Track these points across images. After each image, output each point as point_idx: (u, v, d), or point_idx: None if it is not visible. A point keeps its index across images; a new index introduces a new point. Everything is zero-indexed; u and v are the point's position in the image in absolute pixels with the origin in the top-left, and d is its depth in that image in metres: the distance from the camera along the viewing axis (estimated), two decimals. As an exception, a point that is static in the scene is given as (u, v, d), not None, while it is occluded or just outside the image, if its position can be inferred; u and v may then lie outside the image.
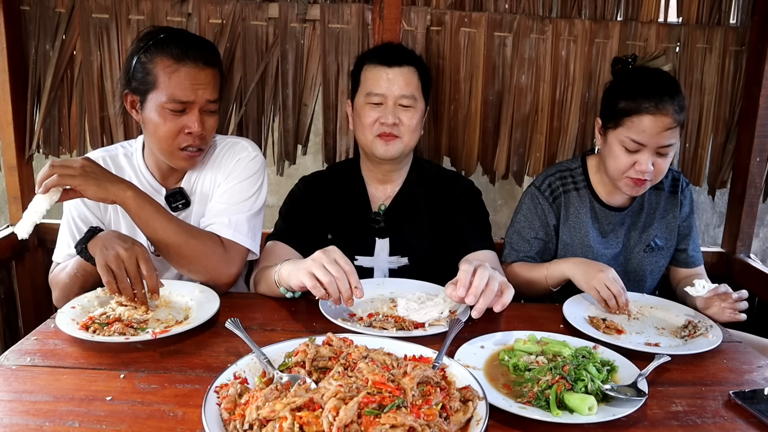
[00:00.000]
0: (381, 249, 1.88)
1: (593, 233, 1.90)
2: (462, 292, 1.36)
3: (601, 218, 1.92)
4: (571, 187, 1.92)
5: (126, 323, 1.35)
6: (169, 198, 1.72)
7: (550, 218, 1.91)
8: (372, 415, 0.92)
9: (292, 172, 2.35)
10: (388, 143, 1.81)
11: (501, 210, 3.89)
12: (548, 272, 1.79)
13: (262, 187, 1.76)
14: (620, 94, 1.75)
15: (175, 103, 1.57)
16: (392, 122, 1.79)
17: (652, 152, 1.71)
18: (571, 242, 1.91)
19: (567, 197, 1.91)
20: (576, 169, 1.95)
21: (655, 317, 1.62)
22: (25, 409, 1.06)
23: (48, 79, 2.18)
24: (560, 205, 1.91)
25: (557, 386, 1.12)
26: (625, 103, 1.71)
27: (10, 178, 2.23)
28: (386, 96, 1.80)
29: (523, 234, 1.93)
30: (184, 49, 1.57)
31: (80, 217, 1.72)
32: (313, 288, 1.37)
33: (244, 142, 1.79)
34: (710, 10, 2.29)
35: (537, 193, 1.93)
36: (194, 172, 1.75)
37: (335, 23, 2.20)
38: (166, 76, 1.56)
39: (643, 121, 1.68)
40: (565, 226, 1.91)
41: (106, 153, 1.77)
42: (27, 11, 2.15)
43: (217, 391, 1.05)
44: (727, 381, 1.27)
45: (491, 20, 2.23)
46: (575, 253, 1.89)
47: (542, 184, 1.94)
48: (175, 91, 1.56)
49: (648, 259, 1.93)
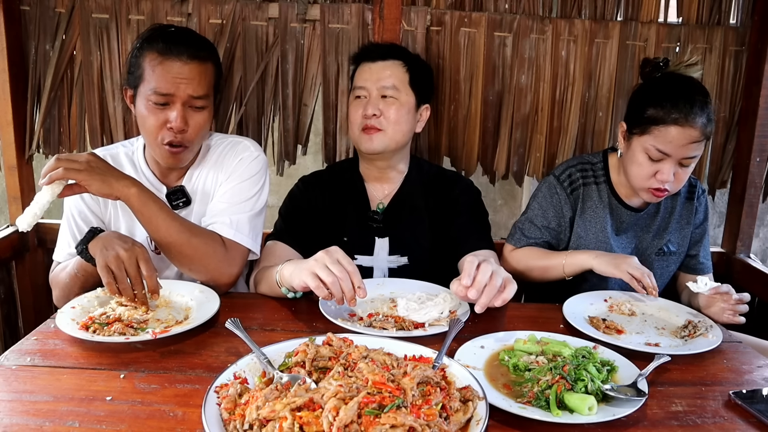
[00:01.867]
0: (380, 248, 1.88)
1: (609, 229, 1.89)
2: (467, 282, 1.36)
3: (618, 216, 1.90)
4: (591, 180, 1.90)
5: (126, 323, 1.35)
6: (170, 196, 1.72)
7: (566, 209, 1.89)
8: (372, 415, 0.92)
9: (292, 172, 2.35)
10: (371, 136, 1.82)
11: (501, 210, 3.89)
12: (567, 260, 1.78)
13: (263, 188, 1.77)
14: (649, 100, 1.69)
15: (157, 96, 1.57)
16: (371, 113, 1.80)
17: (676, 163, 1.68)
18: (585, 235, 1.88)
19: (586, 190, 1.89)
20: (597, 163, 1.93)
21: (655, 317, 1.62)
22: (25, 409, 1.06)
23: (48, 79, 2.18)
24: (578, 197, 1.89)
25: (557, 386, 1.12)
26: (653, 111, 1.66)
27: (10, 178, 2.23)
28: (368, 89, 1.83)
29: (535, 221, 1.92)
30: (169, 43, 1.57)
31: (80, 215, 1.72)
32: (317, 288, 1.37)
33: (247, 142, 1.79)
34: (710, 10, 2.29)
35: (555, 183, 1.90)
36: (195, 170, 1.75)
37: (335, 23, 2.20)
38: (150, 69, 1.57)
39: (671, 131, 1.63)
40: (581, 218, 1.89)
41: (106, 152, 1.77)
42: (27, 11, 2.15)
43: (217, 391, 1.05)
44: (727, 381, 1.27)
45: (491, 20, 2.23)
46: (588, 247, 1.87)
47: (562, 174, 1.91)
48: (157, 83, 1.57)
49: (659, 263, 1.92)
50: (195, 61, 1.59)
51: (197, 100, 1.61)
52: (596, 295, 1.70)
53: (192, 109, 1.62)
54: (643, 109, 1.70)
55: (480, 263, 1.40)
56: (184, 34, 1.65)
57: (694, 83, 1.71)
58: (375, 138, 1.82)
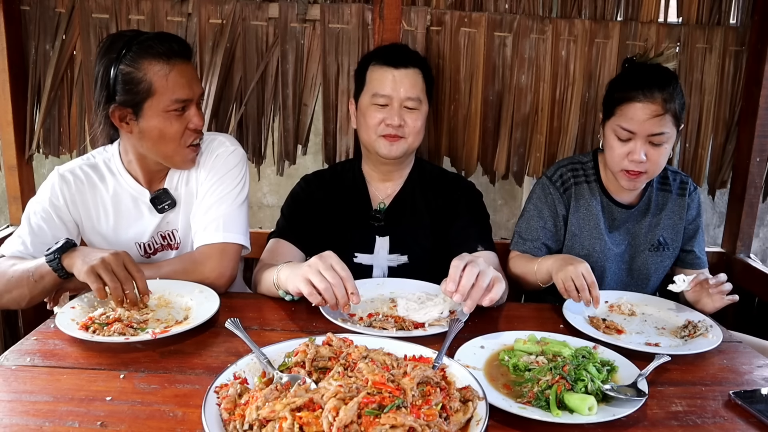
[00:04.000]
0: (381, 247, 1.89)
1: (602, 226, 1.91)
2: (452, 287, 1.36)
3: (610, 213, 1.93)
4: (582, 179, 1.94)
5: (126, 323, 1.35)
6: (154, 200, 1.71)
7: (560, 208, 1.92)
8: (372, 416, 0.91)
9: (292, 172, 2.35)
10: (392, 143, 1.82)
11: (501, 210, 3.89)
12: (537, 267, 1.76)
13: (244, 179, 1.77)
14: (614, 85, 1.82)
15: (178, 103, 1.58)
16: (398, 124, 1.80)
17: (644, 141, 1.73)
18: (579, 233, 1.91)
19: (578, 189, 1.93)
20: (587, 162, 1.97)
21: (655, 317, 1.62)
22: (25, 409, 1.06)
23: (48, 79, 2.18)
24: (570, 196, 1.93)
25: (557, 386, 1.12)
26: (618, 94, 1.77)
27: (10, 178, 2.23)
28: (392, 97, 1.80)
29: (531, 223, 1.94)
30: (167, 47, 1.56)
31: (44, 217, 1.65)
32: (310, 295, 1.36)
33: (222, 137, 1.79)
34: (710, 10, 2.29)
35: (548, 183, 1.94)
36: (175, 172, 1.74)
37: (335, 23, 2.20)
38: (162, 79, 1.55)
39: (631, 108, 1.72)
40: (574, 216, 1.92)
41: (84, 162, 1.74)
42: (27, 11, 2.15)
43: (216, 391, 1.05)
44: (727, 381, 1.27)
45: (491, 20, 2.23)
46: (584, 244, 1.90)
47: (554, 174, 1.96)
48: (176, 91, 1.57)
49: (653, 259, 1.94)
50: (190, 60, 1.63)
51: (201, 96, 1.67)
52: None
53: (198, 107, 1.66)
54: (610, 95, 1.81)
55: (466, 265, 1.38)
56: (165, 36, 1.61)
57: (658, 67, 1.81)
58: (396, 145, 1.83)
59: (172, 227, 1.76)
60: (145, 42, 1.55)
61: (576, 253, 1.89)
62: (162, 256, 1.77)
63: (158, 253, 1.78)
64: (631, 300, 1.69)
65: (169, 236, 1.77)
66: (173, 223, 1.75)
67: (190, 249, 1.74)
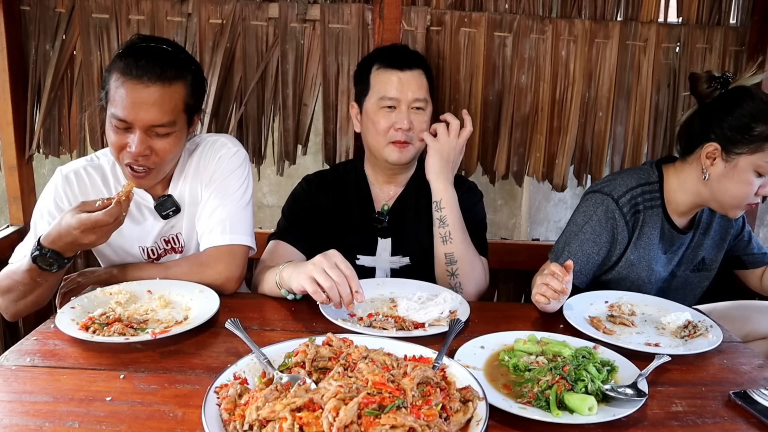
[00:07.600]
0: (383, 249, 1.89)
1: (658, 253, 1.84)
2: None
3: (667, 239, 1.84)
4: (650, 204, 1.81)
5: (126, 323, 1.36)
6: (159, 207, 1.69)
7: (622, 236, 1.78)
8: (372, 416, 0.92)
9: (292, 172, 2.35)
10: (401, 150, 1.82)
11: (501, 210, 3.89)
12: None
13: (248, 180, 1.76)
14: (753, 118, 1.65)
15: (117, 120, 1.51)
16: (407, 127, 1.79)
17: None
18: (637, 262, 1.81)
19: (646, 215, 1.80)
20: (654, 183, 1.82)
21: (655, 317, 1.62)
22: (25, 409, 1.06)
23: (48, 79, 2.18)
24: (637, 223, 1.79)
25: (557, 386, 1.12)
26: (763, 128, 1.63)
27: (10, 178, 2.23)
28: (399, 100, 1.80)
29: (585, 247, 1.79)
30: (131, 63, 1.48)
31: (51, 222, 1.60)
32: (314, 293, 1.37)
33: (224, 139, 1.77)
34: (710, 10, 2.29)
35: (614, 207, 1.77)
36: (179, 177, 1.73)
37: (335, 23, 2.20)
38: (114, 90, 1.50)
39: None
40: (635, 245, 1.80)
41: (88, 163, 1.72)
42: (27, 11, 2.15)
43: (216, 391, 1.05)
44: (727, 381, 1.27)
45: (491, 20, 2.23)
46: (638, 274, 1.82)
47: (623, 197, 1.78)
48: (117, 108, 1.49)
49: (692, 278, 1.91)
50: (158, 83, 1.49)
51: (160, 127, 1.52)
52: (596, 295, 1.69)
53: (156, 136, 1.54)
54: (748, 128, 1.65)
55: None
56: (152, 51, 1.54)
57: None
58: (405, 152, 1.83)
59: (176, 231, 1.75)
60: (129, 49, 1.54)
61: (629, 282, 1.82)
62: (166, 260, 1.76)
63: (162, 258, 1.77)
64: (631, 300, 1.68)
65: (173, 240, 1.76)
66: (177, 227, 1.74)
67: (194, 252, 1.74)
